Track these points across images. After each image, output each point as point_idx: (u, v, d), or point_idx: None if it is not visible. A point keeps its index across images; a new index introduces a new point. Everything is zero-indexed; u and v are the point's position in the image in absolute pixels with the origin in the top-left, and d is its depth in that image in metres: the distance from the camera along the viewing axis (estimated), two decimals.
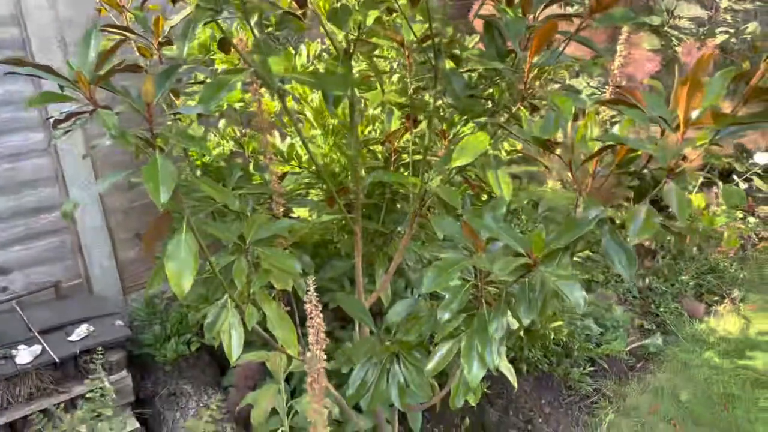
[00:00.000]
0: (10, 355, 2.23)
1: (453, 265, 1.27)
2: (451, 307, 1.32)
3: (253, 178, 2.24)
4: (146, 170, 1.23)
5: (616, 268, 1.10)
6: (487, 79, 2.08)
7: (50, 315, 2.52)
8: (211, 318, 1.64)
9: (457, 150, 1.50)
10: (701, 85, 0.95)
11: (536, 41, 1.32)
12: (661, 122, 0.98)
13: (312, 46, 2.37)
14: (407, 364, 1.68)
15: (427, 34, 1.67)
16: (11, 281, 2.71)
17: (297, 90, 2.29)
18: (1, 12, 2.52)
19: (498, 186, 1.47)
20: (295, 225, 1.78)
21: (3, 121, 2.57)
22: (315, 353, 1.15)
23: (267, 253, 1.63)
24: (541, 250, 1.17)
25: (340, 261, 2.26)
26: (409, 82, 1.91)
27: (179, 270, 1.37)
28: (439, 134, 1.99)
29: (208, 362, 2.69)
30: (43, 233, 2.77)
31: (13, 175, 2.63)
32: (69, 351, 2.28)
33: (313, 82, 1.56)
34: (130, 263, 3.01)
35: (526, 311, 1.24)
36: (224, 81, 1.43)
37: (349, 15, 1.45)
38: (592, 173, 1.18)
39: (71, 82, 1.26)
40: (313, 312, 1.13)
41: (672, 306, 3.35)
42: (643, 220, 1.01)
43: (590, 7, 1.38)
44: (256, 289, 1.67)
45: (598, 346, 2.83)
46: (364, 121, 2.24)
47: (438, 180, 1.88)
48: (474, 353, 1.36)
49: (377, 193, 2.24)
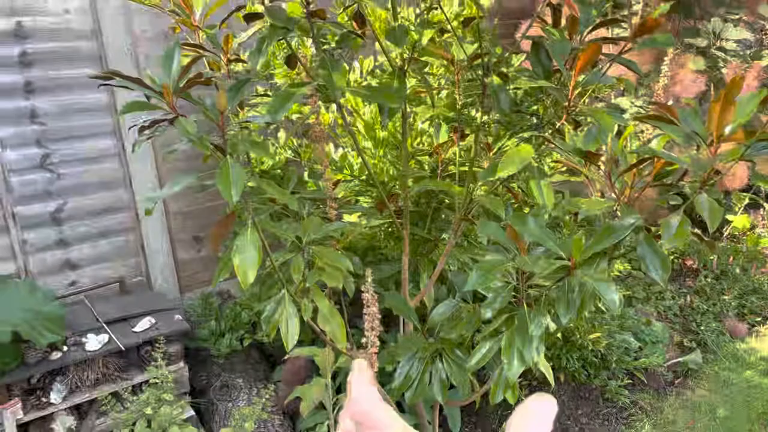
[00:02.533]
0: (80, 342, 2.42)
1: (496, 266, 1.37)
2: (493, 306, 1.42)
3: (308, 185, 2.39)
4: (219, 173, 1.38)
5: (650, 273, 1.19)
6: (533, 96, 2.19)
7: (115, 308, 2.71)
8: (269, 311, 1.78)
9: (503, 161, 1.60)
10: (733, 103, 1.04)
11: (581, 62, 1.42)
12: (695, 137, 1.07)
13: (365, 63, 2.52)
14: (449, 361, 1.78)
15: (477, 53, 1.79)
16: (80, 276, 2.92)
17: (350, 103, 2.43)
18: (82, 27, 2.75)
19: (541, 195, 1.57)
20: (346, 227, 1.91)
21: (81, 127, 2.80)
22: (370, 339, 1.27)
23: (321, 252, 1.76)
24: (580, 254, 1.26)
25: (387, 265, 2.38)
26: (457, 97, 2.03)
27: (245, 263, 1.51)
28: (484, 147, 2.10)
29: (258, 359, 2.83)
30: (109, 232, 2.97)
31: (87, 177, 2.85)
32: (133, 341, 2.46)
33: (370, 95, 1.69)
34: (187, 263, 3.20)
35: (565, 311, 1.33)
36: (290, 93, 1.57)
37: (406, 34, 1.58)
38: (630, 184, 1.27)
39: (157, 93, 1.43)
40: (369, 301, 1.24)
41: (713, 325, 3.35)
42: (676, 227, 1.10)
43: (634, 31, 1.48)
44: (310, 284, 1.80)
45: (637, 359, 2.86)
46: (413, 134, 2.37)
47: (483, 189, 1.99)
48: (514, 350, 1.45)
49: (423, 202, 2.36)
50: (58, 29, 2.70)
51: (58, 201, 2.81)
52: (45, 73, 2.70)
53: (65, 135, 2.78)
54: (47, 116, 2.73)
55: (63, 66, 2.73)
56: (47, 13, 2.67)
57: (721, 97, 1.00)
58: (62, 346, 2.39)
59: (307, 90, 1.61)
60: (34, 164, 2.73)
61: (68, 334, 2.43)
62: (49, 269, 2.84)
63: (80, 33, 2.75)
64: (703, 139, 1.09)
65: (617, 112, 2.96)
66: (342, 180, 2.36)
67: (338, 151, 2.49)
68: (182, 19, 1.95)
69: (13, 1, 2.58)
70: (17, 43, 2.62)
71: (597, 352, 2.66)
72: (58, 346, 2.38)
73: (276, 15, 1.48)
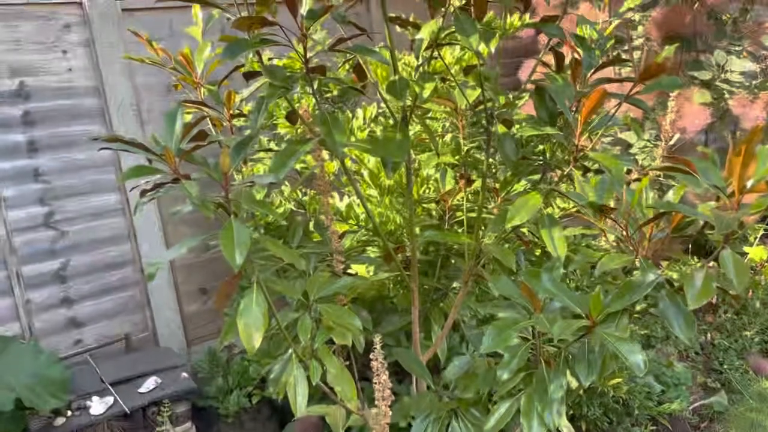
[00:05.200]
0: (84, 406, 2.35)
1: (512, 325, 1.31)
2: (510, 367, 1.35)
3: (312, 236, 2.34)
4: (223, 235, 1.34)
5: (675, 332, 1.13)
6: (540, 137, 2.15)
7: (120, 367, 2.64)
8: (276, 372, 1.72)
9: (512, 210, 1.55)
10: (755, 156, 0.99)
11: (586, 109, 1.38)
12: (715, 191, 1.02)
13: (368, 110, 2.50)
14: (466, 422, 1.71)
15: (479, 100, 1.76)
16: (84, 334, 2.86)
17: (354, 152, 2.40)
18: (85, 84, 2.76)
19: (553, 245, 1.52)
20: (355, 282, 1.86)
21: (84, 183, 2.78)
22: (381, 409, 1.21)
23: (329, 311, 1.70)
24: (600, 311, 1.20)
25: (397, 316, 2.31)
26: (462, 142, 2.00)
27: (250, 327, 1.45)
28: (492, 192, 2.06)
29: (268, 416, 2.75)
30: (114, 288, 2.93)
31: (91, 233, 2.83)
32: (138, 402, 2.39)
33: (372, 149, 1.66)
34: (193, 316, 3.15)
35: (585, 372, 1.26)
36: (292, 151, 1.54)
37: (406, 87, 1.54)
38: (648, 236, 1.22)
39: (158, 156, 1.40)
40: (379, 370, 1.19)
41: (736, 363, 3.23)
42: (701, 285, 1.04)
43: (639, 75, 1.45)
44: (319, 345, 1.74)
45: (660, 404, 2.75)
46: (418, 181, 2.33)
47: (492, 238, 1.93)
48: (534, 413, 1.38)
49: (432, 250, 2.31)
50: (61, 87, 2.71)
51: (61, 259, 2.77)
52: (48, 131, 2.70)
53: (69, 192, 2.76)
54: (50, 174, 2.72)
55: (66, 123, 2.74)
56: (50, 72, 2.68)
57: (741, 150, 0.95)
58: (66, 411, 2.32)
59: (309, 147, 1.58)
60: (37, 222, 2.71)
61: (72, 398, 2.37)
62: (54, 328, 2.79)
63: (83, 90, 2.76)
64: (724, 192, 1.04)
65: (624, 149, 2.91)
66: (348, 230, 2.31)
67: (344, 200, 2.45)
68: (183, 76, 1.95)
69: (15, 62, 2.59)
70: (20, 102, 2.62)
71: (619, 399, 2.56)
72: (62, 411, 2.31)
73: (274, 74, 1.46)
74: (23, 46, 2.61)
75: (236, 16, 1.43)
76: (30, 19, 2.61)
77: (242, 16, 1.38)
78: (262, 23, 1.35)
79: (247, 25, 1.36)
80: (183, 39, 2.60)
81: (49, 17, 2.66)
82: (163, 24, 2.93)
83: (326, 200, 1.95)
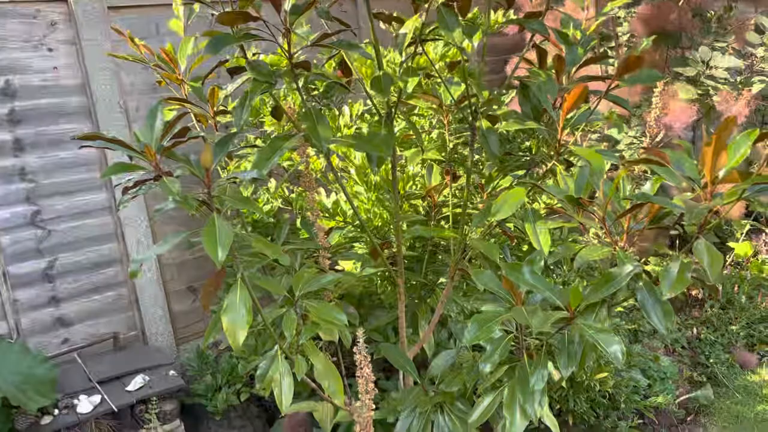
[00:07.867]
0: (71, 404, 2.35)
1: (493, 318, 1.32)
2: (492, 359, 1.37)
3: (300, 233, 2.35)
4: (205, 231, 1.34)
5: (653, 322, 1.14)
6: (525, 132, 2.16)
7: (108, 366, 2.64)
8: (263, 369, 1.72)
9: (495, 205, 1.57)
10: (725, 146, 1.01)
11: (567, 104, 1.40)
12: (688, 182, 1.04)
13: (354, 107, 2.50)
14: (451, 415, 1.72)
15: (464, 95, 1.77)
16: (72, 333, 2.85)
17: (341, 149, 2.41)
18: (71, 82, 2.75)
19: (536, 239, 1.53)
20: (341, 278, 1.86)
21: (71, 182, 2.77)
22: (364, 402, 1.21)
23: (315, 306, 1.70)
24: (578, 303, 1.21)
25: (384, 312, 2.32)
26: (447, 138, 2.01)
27: (235, 324, 1.46)
28: (478, 188, 2.07)
29: (256, 413, 2.75)
30: (102, 287, 2.92)
31: (79, 231, 2.81)
32: (126, 400, 2.39)
33: (357, 144, 1.66)
34: (182, 315, 3.14)
35: (566, 363, 1.28)
36: (276, 146, 1.54)
37: (390, 83, 1.55)
38: (626, 229, 1.23)
39: (139, 153, 1.40)
40: (362, 363, 1.19)
41: (722, 357, 3.26)
42: (675, 275, 1.06)
43: (618, 69, 1.46)
44: (305, 341, 1.74)
45: (646, 398, 2.78)
46: (404, 177, 2.34)
47: (478, 233, 1.94)
48: (516, 405, 1.39)
49: (419, 246, 2.31)
50: (47, 85, 2.70)
51: (49, 258, 2.76)
52: (34, 130, 2.69)
53: (55, 191, 2.75)
54: (37, 173, 2.70)
55: (52, 122, 2.72)
56: (36, 70, 2.67)
57: (712, 141, 0.96)
58: (53, 410, 2.32)
59: (294, 142, 1.58)
60: (24, 222, 2.69)
61: (59, 397, 2.36)
62: (41, 327, 2.78)
63: (69, 88, 2.75)
64: (697, 182, 1.05)
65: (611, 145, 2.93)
66: (335, 227, 2.32)
67: (331, 196, 2.46)
68: (167, 73, 1.94)
69: (0, 60, 2.58)
70: (6, 101, 2.61)
71: (605, 393, 2.58)
72: (49, 410, 2.30)
73: (258, 69, 1.47)
74: (8, 44, 2.59)
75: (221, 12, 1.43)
76: (15, 17, 2.60)
77: (225, 11, 1.38)
78: (245, 18, 1.35)
79: (230, 20, 1.36)
80: (170, 37, 2.60)
81: (35, 15, 2.65)
82: (149, 22, 2.92)
83: (312, 197, 1.96)
